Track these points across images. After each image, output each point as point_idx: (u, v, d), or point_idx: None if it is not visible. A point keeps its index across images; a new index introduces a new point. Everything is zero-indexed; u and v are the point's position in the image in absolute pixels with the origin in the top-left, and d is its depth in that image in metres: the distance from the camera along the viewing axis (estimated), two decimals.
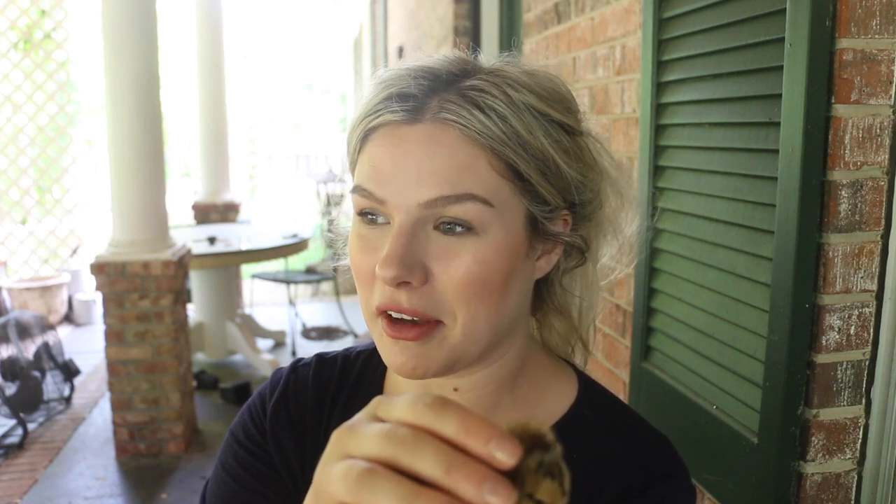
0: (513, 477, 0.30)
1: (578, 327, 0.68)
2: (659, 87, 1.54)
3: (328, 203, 6.61)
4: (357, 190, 0.57)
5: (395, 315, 0.55)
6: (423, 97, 0.55)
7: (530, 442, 0.32)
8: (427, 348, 0.55)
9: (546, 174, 0.56)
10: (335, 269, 0.70)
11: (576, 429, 0.61)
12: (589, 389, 0.65)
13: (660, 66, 1.54)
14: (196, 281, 4.51)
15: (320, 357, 0.72)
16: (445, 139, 0.53)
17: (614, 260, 0.68)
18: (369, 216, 0.57)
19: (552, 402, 0.64)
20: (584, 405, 0.64)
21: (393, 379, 0.68)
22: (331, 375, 0.70)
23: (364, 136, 0.57)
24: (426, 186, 0.53)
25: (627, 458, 0.60)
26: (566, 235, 0.60)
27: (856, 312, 1.09)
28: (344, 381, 0.69)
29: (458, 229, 0.54)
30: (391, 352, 0.56)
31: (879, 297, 1.09)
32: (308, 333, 5.33)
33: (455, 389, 0.62)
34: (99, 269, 3.12)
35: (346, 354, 0.72)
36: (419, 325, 0.55)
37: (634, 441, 0.62)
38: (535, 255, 0.59)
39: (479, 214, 0.53)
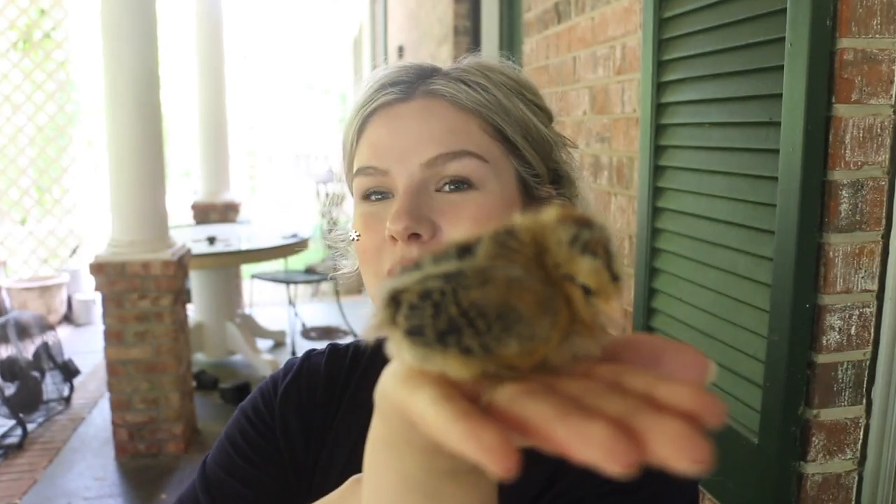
0: (546, 266, 0.28)
1: None
2: (659, 87, 1.54)
3: (328, 203, 6.60)
4: (360, 172, 0.60)
5: None
6: (413, 81, 0.61)
7: (572, 222, 0.29)
8: None
9: (528, 139, 0.61)
10: (333, 276, 0.72)
11: None
12: None
13: (660, 65, 1.53)
14: (196, 281, 4.50)
15: (333, 346, 0.74)
16: (437, 108, 0.59)
17: None
18: (373, 196, 0.60)
19: None
20: None
21: None
22: (342, 364, 0.72)
23: (361, 125, 0.61)
24: (425, 148, 0.57)
25: None
26: (555, 198, 0.64)
27: (856, 312, 1.09)
28: (353, 370, 0.71)
29: (459, 187, 0.57)
30: None
31: (880, 297, 1.08)
32: (308, 333, 5.33)
33: None
34: (98, 269, 3.12)
35: (358, 345, 0.74)
36: None
37: None
38: None
39: (476, 169, 0.58)
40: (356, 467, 0.32)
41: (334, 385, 0.70)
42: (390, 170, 0.58)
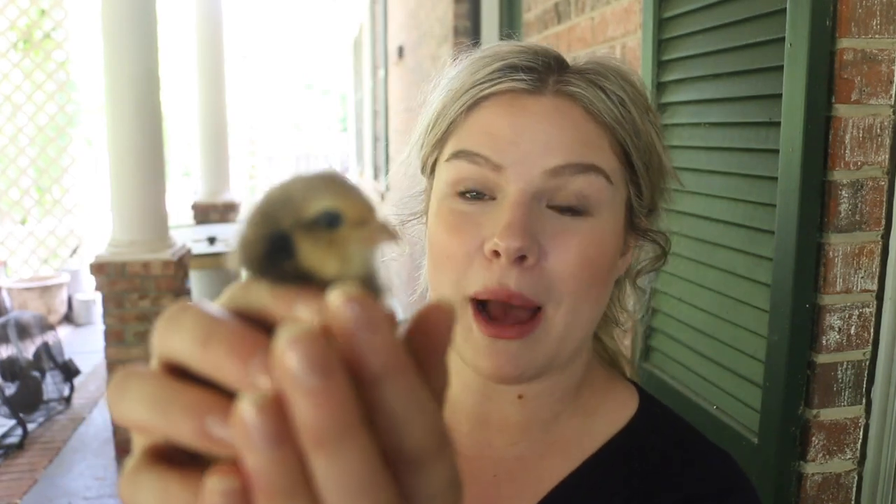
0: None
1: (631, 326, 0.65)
2: (659, 87, 1.54)
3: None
4: (464, 154, 0.53)
5: (489, 307, 0.51)
6: (544, 72, 0.54)
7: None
8: (529, 346, 0.51)
9: (649, 168, 0.55)
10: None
11: (636, 439, 0.59)
12: (649, 402, 0.63)
13: (660, 65, 1.53)
14: (196, 281, 4.50)
15: None
16: (571, 113, 0.53)
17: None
18: (468, 193, 0.53)
19: (612, 411, 0.61)
20: (644, 417, 0.61)
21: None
22: None
23: (473, 105, 0.54)
24: (553, 153, 0.51)
25: (688, 470, 0.57)
26: (654, 232, 0.58)
27: (856, 312, 1.09)
28: None
29: (574, 210, 0.51)
30: (486, 352, 0.51)
31: (880, 296, 1.09)
32: None
33: (520, 397, 0.58)
34: (98, 269, 3.13)
35: None
36: (521, 324, 0.51)
37: (695, 454, 0.59)
38: (621, 253, 0.58)
39: (600, 191, 0.52)
40: None
41: None
42: (506, 167, 0.51)
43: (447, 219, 0.53)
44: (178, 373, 0.23)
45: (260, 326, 0.22)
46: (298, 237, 0.22)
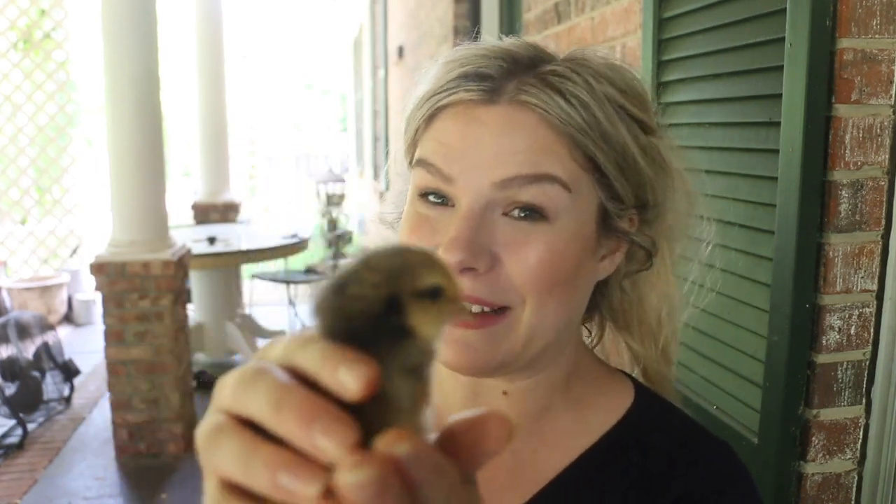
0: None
1: (656, 334, 0.63)
2: (659, 87, 1.54)
3: (328, 203, 6.61)
4: (422, 163, 0.54)
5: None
6: (501, 79, 0.52)
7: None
8: (489, 338, 0.51)
9: (623, 169, 0.54)
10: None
11: (633, 432, 0.59)
12: (645, 395, 0.62)
13: (660, 65, 1.53)
14: (196, 281, 4.51)
15: None
16: (524, 122, 0.51)
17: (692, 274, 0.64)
18: (431, 196, 0.53)
19: (607, 405, 0.60)
20: (640, 410, 0.60)
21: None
22: None
23: (432, 115, 0.54)
24: (502, 165, 0.50)
25: (686, 464, 0.57)
26: (635, 234, 0.57)
27: (856, 312, 1.09)
28: None
29: (530, 215, 0.51)
30: (446, 341, 0.51)
31: (880, 296, 1.09)
32: None
33: (504, 393, 0.58)
34: (99, 269, 3.13)
35: None
36: (485, 314, 0.51)
37: (694, 447, 0.59)
38: (600, 254, 0.57)
39: (555, 198, 0.51)
40: None
41: None
42: (456, 179, 0.51)
43: (409, 220, 0.55)
44: (253, 425, 0.26)
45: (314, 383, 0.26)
46: (410, 301, 0.28)
